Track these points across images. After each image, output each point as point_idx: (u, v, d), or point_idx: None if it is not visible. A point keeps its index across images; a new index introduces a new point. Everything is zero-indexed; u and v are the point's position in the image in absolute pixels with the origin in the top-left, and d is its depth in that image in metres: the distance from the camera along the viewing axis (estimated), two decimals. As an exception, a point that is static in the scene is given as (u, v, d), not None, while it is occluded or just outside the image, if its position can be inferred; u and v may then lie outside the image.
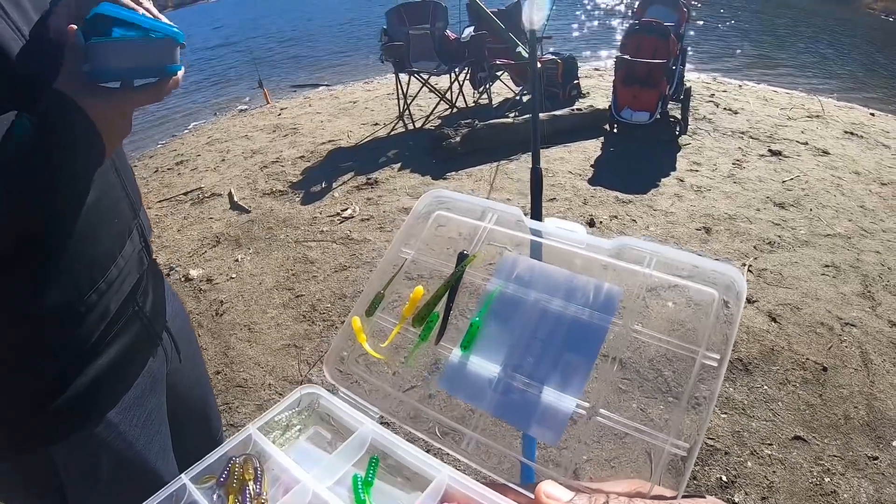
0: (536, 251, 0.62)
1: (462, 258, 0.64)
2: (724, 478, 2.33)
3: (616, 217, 4.33)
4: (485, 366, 0.56)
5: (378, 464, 0.57)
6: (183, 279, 4.02)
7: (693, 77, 8.09)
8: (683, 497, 0.40)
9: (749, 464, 2.38)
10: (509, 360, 0.55)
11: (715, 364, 0.47)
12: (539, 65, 6.67)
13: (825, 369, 2.83)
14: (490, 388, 0.55)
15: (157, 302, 1.17)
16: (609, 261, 0.56)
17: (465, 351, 0.58)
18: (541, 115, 5.82)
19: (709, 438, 2.49)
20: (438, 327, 0.62)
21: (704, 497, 0.40)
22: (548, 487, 0.41)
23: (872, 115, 6.79)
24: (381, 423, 0.59)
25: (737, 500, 2.24)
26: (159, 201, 5.49)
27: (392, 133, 6.69)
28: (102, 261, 0.96)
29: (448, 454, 0.56)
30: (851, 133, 5.97)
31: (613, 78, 5.84)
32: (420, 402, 0.59)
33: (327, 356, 0.63)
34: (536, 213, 2.01)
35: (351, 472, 0.56)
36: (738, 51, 11.09)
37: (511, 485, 0.49)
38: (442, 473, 0.52)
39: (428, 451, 0.55)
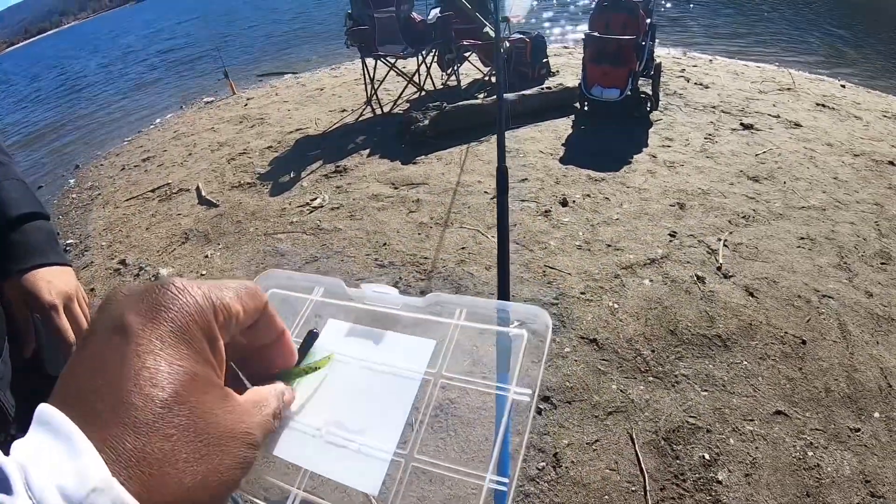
0: (360, 316, 0.66)
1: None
2: (707, 456, 2.29)
3: (589, 196, 4.27)
4: (306, 423, 0.58)
5: None
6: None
7: (663, 52, 8.04)
8: None
9: (731, 441, 2.35)
10: (330, 417, 0.58)
11: (527, 399, 0.50)
12: (507, 44, 6.59)
13: (804, 342, 2.80)
14: (310, 445, 0.56)
15: None
16: (422, 317, 0.60)
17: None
18: (510, 95, 5.75)
19: (690, 417, 2.46)
20: None
21: None
22: None
23: (843, 86, 6.79)
24: None
25: (720, 477, 2.21)
26: (126, 199, 5.36)
27: (360, 119, 6.57)
28: None
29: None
30: (823, 105, 5.96)
31: (583, 55, 5.76)
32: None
33: None
34: (502, 213, 1.91)
35: None
36: (708, 25, 11.06)
37: None
38: None
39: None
